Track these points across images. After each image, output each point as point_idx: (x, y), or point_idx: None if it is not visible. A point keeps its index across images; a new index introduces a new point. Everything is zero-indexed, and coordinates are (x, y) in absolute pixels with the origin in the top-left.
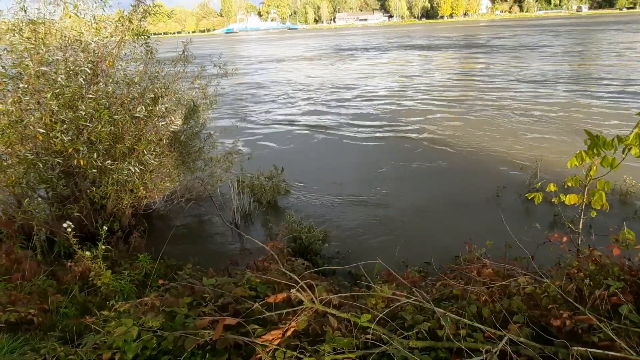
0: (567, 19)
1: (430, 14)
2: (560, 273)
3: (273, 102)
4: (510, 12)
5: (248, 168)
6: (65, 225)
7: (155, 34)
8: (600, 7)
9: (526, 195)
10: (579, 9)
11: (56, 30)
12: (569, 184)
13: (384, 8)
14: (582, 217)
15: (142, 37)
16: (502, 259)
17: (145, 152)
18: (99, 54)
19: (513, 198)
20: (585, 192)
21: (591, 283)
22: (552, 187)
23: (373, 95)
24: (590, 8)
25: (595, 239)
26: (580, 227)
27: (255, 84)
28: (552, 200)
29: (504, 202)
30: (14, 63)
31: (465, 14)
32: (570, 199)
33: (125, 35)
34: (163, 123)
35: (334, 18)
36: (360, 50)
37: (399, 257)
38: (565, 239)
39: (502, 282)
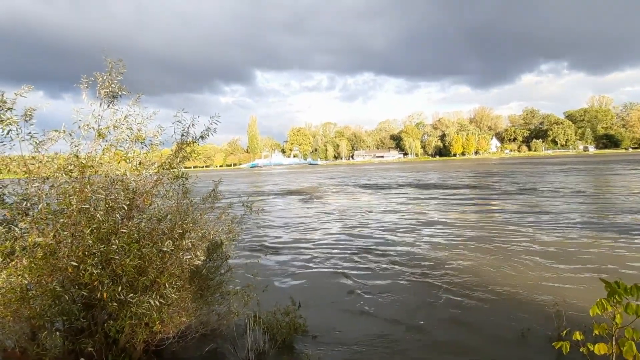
0: (575, 158)
1: (443, 152)
2: None
3: (290, 234)
4: (519, 151)
5: (263, 301)
6: None
7: (185, 167)
8: (605, 147)
9: (552, 344)
10: (586, 148)
11: (102, 171)
12: (596, 332)
13: (399, 146)
14: None
15: (181, 179)
16: None
17: (167, 286)
18: (137, 192)
19: (540, 341)
20: (614, 342)
21: None
22: (578, 336)
23: (388, 231)
24: (596, 148)
25: None
26: None
27: (274, 217)
28: (581, 350)
29: (531, 346)
30: (58, 199)
31: (476, 152)
32: (600, 349)
33: (163, 177)
34: (188, 257)
35: (352, 155)
36: (374, 186)
37: None
38: None
39: None
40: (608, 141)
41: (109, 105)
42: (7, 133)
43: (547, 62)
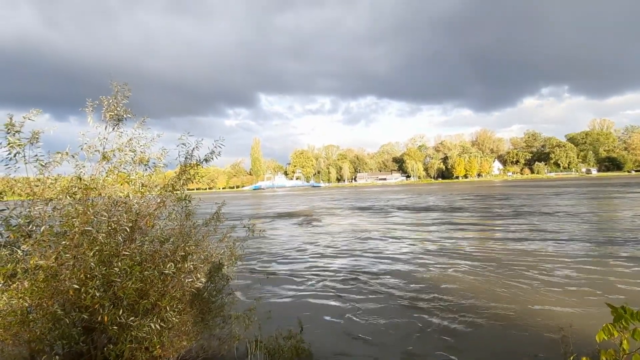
0: (578, 181)
1: (445, 174)
2: None
3: (289, 257)
4: (521, 173)
5: (265, 325)
6: None
7: (188, 189)
8: (608, 170)
9: None
10: (588, 171)
11: (106, 193)
12: (603, 358)
13: (402, 169)
14: None
15: (184, 201)
16: None
17: (168, 309)
18: (140, 214)
19: None
20: None
21: None
22: None
23: (390, 257)
24: (598, 171)
25: None
26: None
27: (274, 240)
28: None
29: None
30: (61, 221)
31: (479, 175)
32: None
33: (166, 199)
34: (189, 280)
35: (355, 177)
36: (375, 208)
37: None
38: None
39: None
40: (611, 164)
41: (114, 128)
42: (14, 155)
43: (548, 86)
